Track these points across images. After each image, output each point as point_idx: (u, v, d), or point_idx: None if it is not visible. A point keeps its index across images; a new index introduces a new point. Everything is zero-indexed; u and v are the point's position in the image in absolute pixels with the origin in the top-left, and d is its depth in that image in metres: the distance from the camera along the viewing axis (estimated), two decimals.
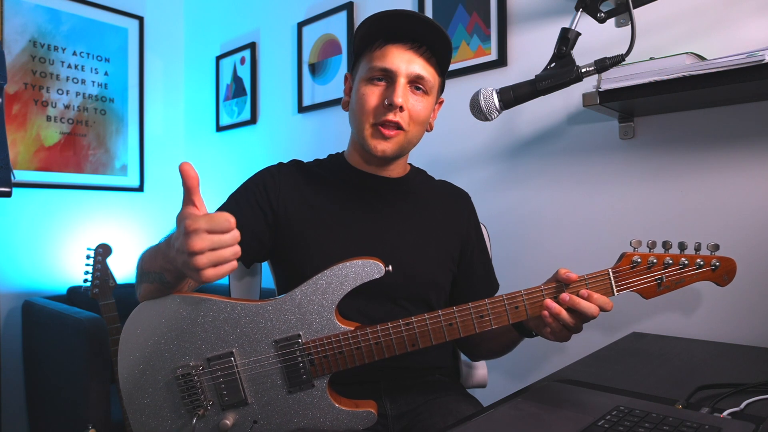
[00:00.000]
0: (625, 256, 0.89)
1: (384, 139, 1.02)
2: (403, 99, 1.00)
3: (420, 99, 1.04)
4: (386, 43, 1.02)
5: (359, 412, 0.90)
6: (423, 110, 1.04)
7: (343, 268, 0.90)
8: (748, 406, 0.77)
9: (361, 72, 1.05)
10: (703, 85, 1.12)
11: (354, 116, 1.06)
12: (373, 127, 1.02)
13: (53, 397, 2.04)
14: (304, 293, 0.90)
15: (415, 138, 1.07)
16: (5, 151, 1.06)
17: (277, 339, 0.89)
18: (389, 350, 0.89)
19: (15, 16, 2.40)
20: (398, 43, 1.01)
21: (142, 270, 0.94)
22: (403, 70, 1.00)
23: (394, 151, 1.04)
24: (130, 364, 0.90)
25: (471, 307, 0.88)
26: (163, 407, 0.90)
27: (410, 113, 1.02)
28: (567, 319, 0.85)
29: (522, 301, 0.88)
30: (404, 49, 1.01)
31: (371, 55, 1.03)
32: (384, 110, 1.01)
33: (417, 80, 1.02)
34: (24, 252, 2.40)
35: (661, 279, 0.89)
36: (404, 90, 1.01)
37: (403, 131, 1.03)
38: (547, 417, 0.77)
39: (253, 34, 2.60)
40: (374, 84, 1.02)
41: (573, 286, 0.87)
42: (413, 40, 1.01)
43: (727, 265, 0.89)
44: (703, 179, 1.34)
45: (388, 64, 1.00)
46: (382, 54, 1.01)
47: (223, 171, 2.77)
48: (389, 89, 1.01)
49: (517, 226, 1.67)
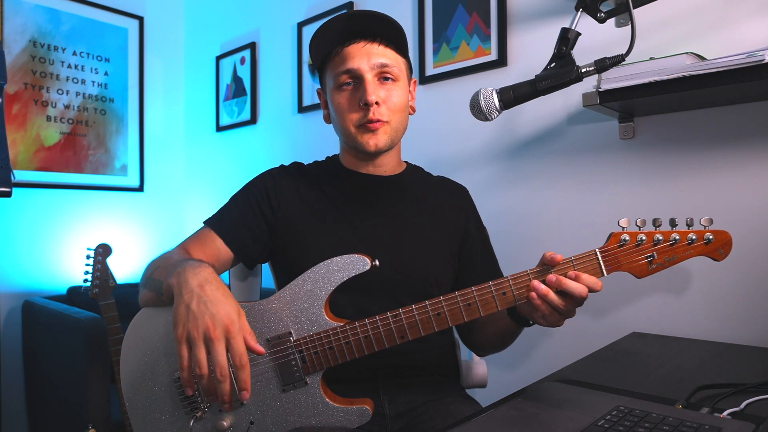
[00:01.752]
0: (613, 235, 0.88)
1: (372, 132, 1.04)
2: (375, 95, 1.02)
3: (391, 87, 1.05)
4: (342, 48, 1.04)
5: (353, 409, 0.91)
6: (398, 97, 1.06)
7: (329, 264, 0.92)
8: (748, 406, 0.77)
9: (329, 83, 1.08)
10: (703, 85, 1.12)
11: (337, 125, 1.09)
12: (357, 128, 1.04)
13: (53, 397, 2.04)
14: (293, 292, 0.92)
15: (401, 125, 1.09)
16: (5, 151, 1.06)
17: (269, 338, 0.90)
18: (378, 343, 0.89)
19: (15, 16, 2.40)
20: (352, 43, 1.03)
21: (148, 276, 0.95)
22: (365, 66, 1.02)
23: (386, 143, 1.06)
24: (131, 367, 0.91)
25: (458, 296, 0.88)
26: (163, 410, 0.90)
27: (387, 105, 1.04)
28: (555, 300, 0.84)
29: (509, 287, 0.87)
30: (360, 46, 1.03)
31: (332, 64, 1.06)
32: (362, 111, 1.03)
33: (383, 70, 1.04)
34: (24, 252, 2.40)
35: (653, 256, 0.86)
36: (374, 86, 1.03)
37: (387, 123, 1.05)
38: (547, 417, 0.77)
39: (253, 34, 2.60)
40: (344, 89, 1.05)
41: (560, 268, 0.86)
42: (364, 36, 1.04)
43: (721, 238, 0.86)
44: (703, 179, 1.34)
45: (350, 65, 1.03)
46: (341, 59, 1.04)
47: (223, 171, 2.77)
48: (360, 89, 1.03)
49: (517, 226, 1.67)
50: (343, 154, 1.17)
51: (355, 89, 1.04)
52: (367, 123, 1.03)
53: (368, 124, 1.03)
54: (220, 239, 1.05)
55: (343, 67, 1.03)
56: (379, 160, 1.12)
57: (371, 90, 1.01)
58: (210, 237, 1.05)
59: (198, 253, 1.02)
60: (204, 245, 1.04)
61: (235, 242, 1.06)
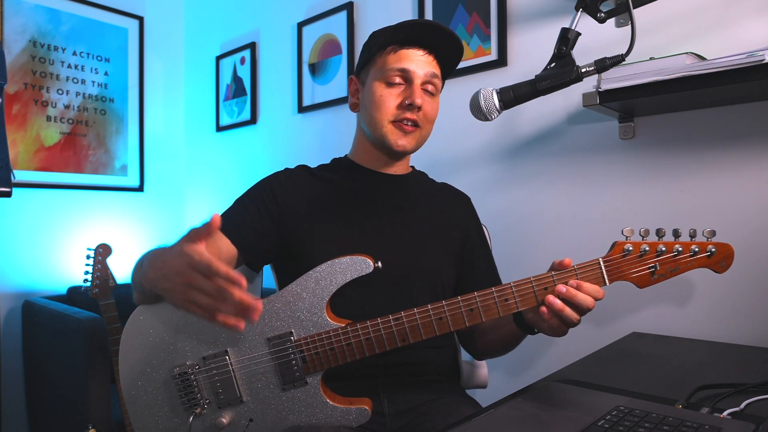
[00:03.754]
0: (616, 244, 0.88)
1: (404, 134, 1.09)
2: (422, 99, 1.07)
3: (431, 100, 1.11)
4: (400, 48, 1.08)
5: (353, 409, 0.91)
6: (434, 110, 1.12)
7: (332, 265, 0.92)
8: (748, 406, 0.77)
9: (376, 74, 1.10)
10: (703, 85, 1.12)
11: (369, 116, 1.11)
12: (392, 123, 1.08)
13: (53, 397, 2.04)
14: (295, 291, 0.92)
15: (428, 134, 1.14)
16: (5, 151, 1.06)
17: (270, 337, 0.91)
18: (380, 345, 0.90)
19: (15, 16, 2.40)
20: (412, 48, 1.08)
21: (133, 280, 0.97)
22: (420, 72, 1.07)
23: (413, 146, 1.11)
24: (130, 364, 0.91)
25: (460, 301, 0.89)
26: (162, 406, 0.91)
27: (425, 112, 1.09)
28: (571, 315, 0.85)
29: (512, 293, 0.88)
30: (420, 53, 1.08)
31: (385, 59, 1.09)
32: (403, 110, 1.07)
33: (431, 80, 1.09)
34: (24, 252, 2.40)
35: (655, 267, 0.87)
36: (420, 91, 1.08)
37: (419, 128, 1.10)
38: (547, 417, 0.77)
39: (253, 34, 2.60)
40: (391, 86, 1.08)
41: (563, 276, 0.87)
42: (424, 45, 1.08)
43: (723, 250, 0.87)
44: (703, 179, 1.34)
45: (406, 65, 1.07)
46: (397, 57, 1.08)
47: (223, 171, 2.77)
48: (407, 90, 1.08)
49: (517, 226, 1.67)
50: (356, 150, 1.19)
51: (401, 89, 1.08)
52: (404, 122, 1.08)
53: (404, 125, 1.08)
54: (224, 239, 1.05)
55: (399, 65, 1.07)
56: (394, 160, 1.16)
57: (419, 93, 1.07)
58: (213, 237, 1.05)
59: None
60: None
61: (241, 241, 1.06)
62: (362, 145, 1.17)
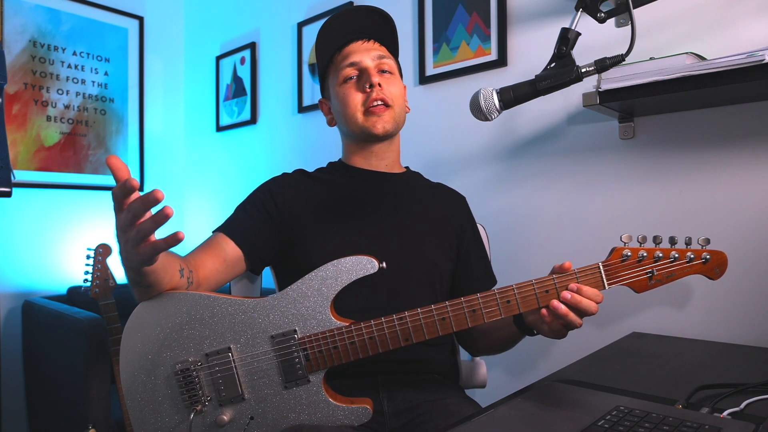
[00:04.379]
0: (615, 250, 0.90)
1: (378, 116, 1.12)
2: (378, 77, 1.12)
3: (389, 78, 1.15)
4: (343, 47, 1.15)
5: (354, 408, 0.91)
6: (396, 87, 1.16)
7: (337, 264, 0.92)
8: (748, 406, 0.77)
9: (333, 80, 1.17)
10: (703, 85, 1.12)
11: (343, 116, 1.15)
12: (363, 114, 1.12)
13: (53, 397, 2.04)
14: (299, 290, 0.92)
15: (401, 114, 1.17)
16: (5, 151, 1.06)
17: (274, 334, 0.91)
18: (383, 345, 0.91)
19: (15, 16, 2.40)
20: (352, 42, 1.15)
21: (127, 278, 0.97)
22: (367, 58, 1.13)
23: (392, 126, 1.14)
24: (131, 360, 0.91)
25: (463, 302, 0.90)
26: (162, 403, 0.91)
27: (388, 90, 1.13)
28: (575, 320, 0.87)
29: (513, 296, 0.89)
30: (359, 44, 1.15)
31: (335, 63, 1.16)
32: (367, 95, 1.12)
33: (381, 62, 1.14)
34: (24, 252, 2.40)
35: (652, 272, 0.89)
36: (375, 73, 1.13)
37: (390, 108, 1.13)
38: (547, 417, 0.77)
39: (253, 34, 2.60)
40: (348, 82, 1.14)
41: (563, 280, 0.88)
42: (360, 34, 1.15)
43: (717, 258, 0.90)
44: (703, 179, 1.34)
45: (353, 58, 1.13)
46: (343, 56, 1.15)
47: (223, 171, 2.77)
48: (363, 77, 1.13)
49: (517, 226, 1.67)
50: (346, 153, 1.22)
51: (359, 80, 1.13)
52: (372, 106, 1.11)
53: (372, 108, 1.11)
54: (229, 242, 1.06)
55: (347, 61, 1.13)
56: (382, 152, 1.18)
57: (374, 73, 1.12)
58: (217, 240, 1.06)
59: (202, 257, 1.02)
60: (210, 248, 1.05)
61: (245, 243, 1.07)
62: (349, 148, 1.21)
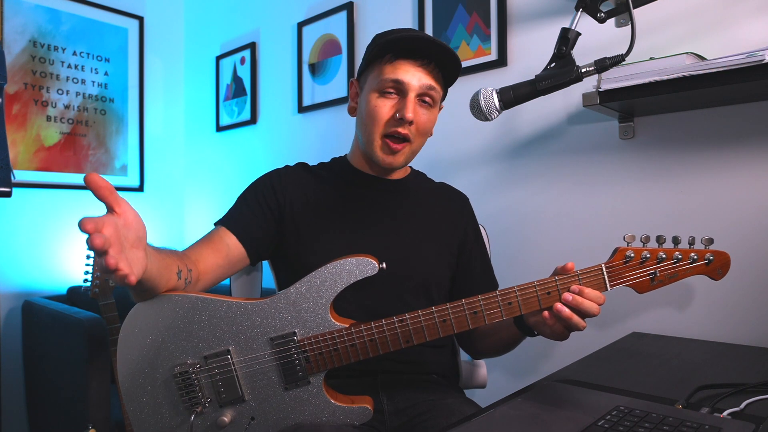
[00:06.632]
0: (618, 251, 0.90)
1: (392, 153, 1.08)
2: (414, 113, 1.04)
3: (426, 111, 1.08)
4: (396, 58, 1.05)
5: (355, 408, 0.91)
6: (429, 122, 1.10)
7: (337, 266, 0.92)
8: (748, 406, 0.77)
9: (372, 83, 1.08)
10: (703, 85, 1.12)
11: (363, 125, 1.10)
12: (383, 139, 1.07)
13: (53, 397, 2.04)
14: (299, 291, 0.91)
15: (419, 148, 1.12)
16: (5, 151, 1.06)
17: (273, 336, 0.90)
18: (384, 347, 0.90)
19: (15, 16, 2.40)
20: (409, 59, 1.05)
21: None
22: (414, 84, 1.04)
23: (400, 163, 1.10)
24: (129, 363, 0.90)
25: (464, 304, 0.89)
26: (162, 405, 0.90)
27: (417, 126, 1.07)
28: (578, 323, 0.87)
29: (515, 297, 0.89)
30: (415, 65, 1.05)
31: (381, 68, 1.06)
32: (394, 123, 1.05)
33: (427, 92, 1.06)
34: (24, 252, 2.40)
35: (655, 273, 0.89)
36: (414, 104, 1.05)
37: (409, 143, 1.08)
38: (547, 417, 0.77)
39: (253, 34, 2.60)
40: (385, 97, 1.06)
41: (565, 281, 0.88)
42: (422, 57, 1.05)
43: (721, 258, 0.89)
44: (703, 179, 1.34)
45: (400, 77, 1.04)
46: (393, 68, 1.05)
47: (223, 171, 2.77)
48: (400, 102, 1.05)
49: (517, 226, 1.67)
50: (354, 154, 1.20)
51: (395, 100, 1.06)
52: (393, 140, 1.06)
53: (392, 142, 1.06)
54: (230, 236, 1.06)
55: (393, 76, 1.04)
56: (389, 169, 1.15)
57: (411, 107, 1.04)
58: (219, 234, 1.06)
59: (203, 251, 1.01)
60: (211, 242, 1.04)
61: (246, 236, 1.07)
62: (358, 151, 1.17)
